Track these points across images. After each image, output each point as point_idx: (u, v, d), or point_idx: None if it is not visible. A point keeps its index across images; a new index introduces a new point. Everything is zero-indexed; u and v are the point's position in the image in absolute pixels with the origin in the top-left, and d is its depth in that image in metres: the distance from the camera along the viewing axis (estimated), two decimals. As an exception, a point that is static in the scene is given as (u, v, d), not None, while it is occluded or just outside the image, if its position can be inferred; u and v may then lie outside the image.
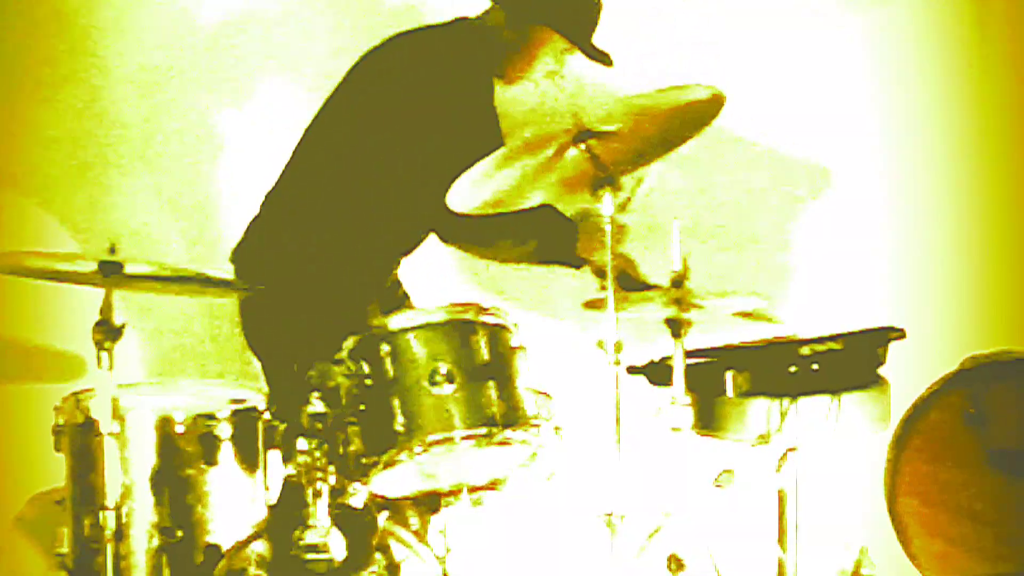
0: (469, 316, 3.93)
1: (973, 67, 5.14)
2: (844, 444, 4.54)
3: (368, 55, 4.54)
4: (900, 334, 4.44)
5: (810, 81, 5.11)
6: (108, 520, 3.76)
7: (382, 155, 4.40)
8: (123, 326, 3.75)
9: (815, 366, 4.29)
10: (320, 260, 4.41)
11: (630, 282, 4.46)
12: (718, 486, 4.20)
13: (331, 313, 4.28)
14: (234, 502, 4.02)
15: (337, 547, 3.77)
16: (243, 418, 4.05)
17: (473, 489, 3.98)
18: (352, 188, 4.41)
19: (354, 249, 4.42)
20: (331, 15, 5.00)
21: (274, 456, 3.95)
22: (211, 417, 4.01)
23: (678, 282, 4.13)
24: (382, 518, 3.93)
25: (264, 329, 4.46)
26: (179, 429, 3.99)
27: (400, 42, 4.53)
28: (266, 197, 4.55)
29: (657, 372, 4.28)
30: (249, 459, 4.05)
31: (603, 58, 4.48)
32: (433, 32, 4.56)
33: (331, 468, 3.80)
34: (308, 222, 4.44)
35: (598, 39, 4.56)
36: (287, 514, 3.88)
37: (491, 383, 3.88)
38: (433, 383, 3.84)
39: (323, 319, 4.25)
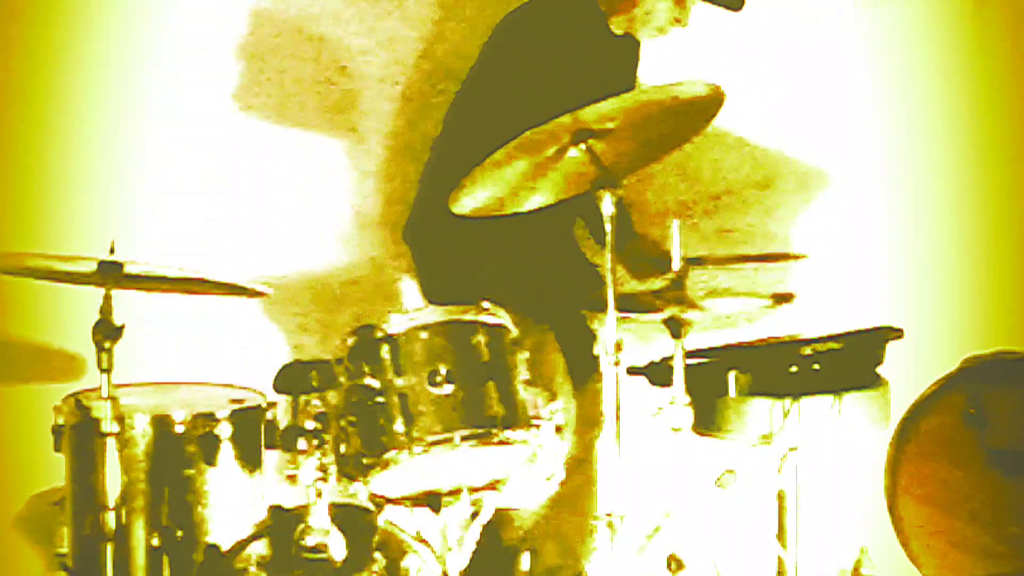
0: (469, 316, 3.93)
1: (973, 67, 5.14)
2: (844, 444, 4.54)
3: (499, 27, 4.63)
4: (899, 334, 4.44)
5: (810, 81, 5.11)
6: (108, 520, 3.76)
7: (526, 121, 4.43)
8: (123, 326, 3.75)
9: (816, 366, 4.29)
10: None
11: (659, 262, 4.46)
12: (720, 486, 4.20)
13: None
14: (234, 502, 4.02)
15: (337, 547, 3.77)
16: (243, 418, 4.06)
17: (473, 489, 3.97)
18: None
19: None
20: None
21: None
22: (211, 417, 4.02)
23: (678, 282, 4.13)
24: (382, 518, 3.93)
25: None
26: (179, 429, 4.00)
27: (527, 10, 4.60)
28: (423, 174, 4.68)
29: (658, 372, 4.28)
30: (249, 459, 4.05)
31: (731, 4, 4.51)
32: None
33: (331, 468, 3.80)
34: None
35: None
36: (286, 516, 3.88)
37: (491, 383, 3.88)
38: (433, 383, 3.83)
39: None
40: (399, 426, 3.81)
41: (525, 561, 4.26)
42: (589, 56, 4.57)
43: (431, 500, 3.98)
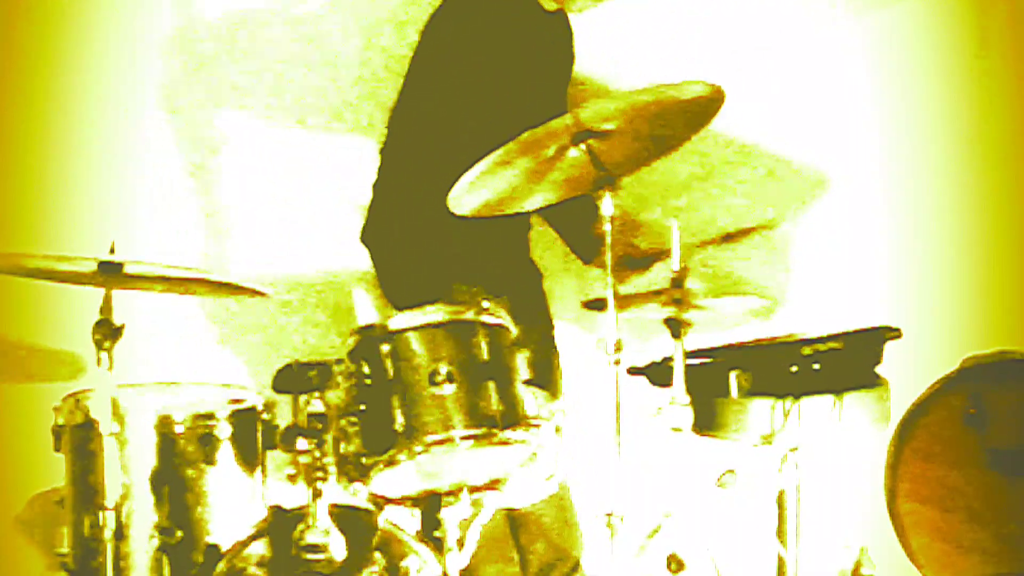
0: (469, 316, 3.93)
1: (973, 67, 5.14)
2: (844, 444, 4.54)
3: (430, 23, 4.60)
4: (897, 333, 4.45)
5: (810, 81, 5.12)
6: (108, 520, 3.76)
7: (473, 116, 4.41)
8: (123, 326, 3.75)
9: (816, 366, 4.29)
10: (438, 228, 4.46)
11: (635, 261, 4.46)
12: (721, 486, 4.20)
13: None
14: (234, 502, 4.02)
15: (337, 547, 3.77)
16: (243, 418, 4.05)
17: (473, 489, 3.97)
18: (450, 155, 4.39)
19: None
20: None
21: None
22: (211, 417, 4.02)
23: (678, 282, 4.14)
24: (382, 518, 3.93)
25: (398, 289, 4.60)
26: (179, 429, 4.00)
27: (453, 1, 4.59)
28: (376, 180, 4.68)
29: (658, 373, 4.28)
30: (248, 459, 4.05)
31: None
32: None
33: (331, 468, 3.80)
34: (418, 196, 4.51)
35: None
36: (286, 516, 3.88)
37: (491, 383, 3.88)
38: (433, 383, 3.83)
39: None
40: (399, 426, 3.81)
41: None
42: (526, 36, 4.55)
43: (431, 500, 3.98)
